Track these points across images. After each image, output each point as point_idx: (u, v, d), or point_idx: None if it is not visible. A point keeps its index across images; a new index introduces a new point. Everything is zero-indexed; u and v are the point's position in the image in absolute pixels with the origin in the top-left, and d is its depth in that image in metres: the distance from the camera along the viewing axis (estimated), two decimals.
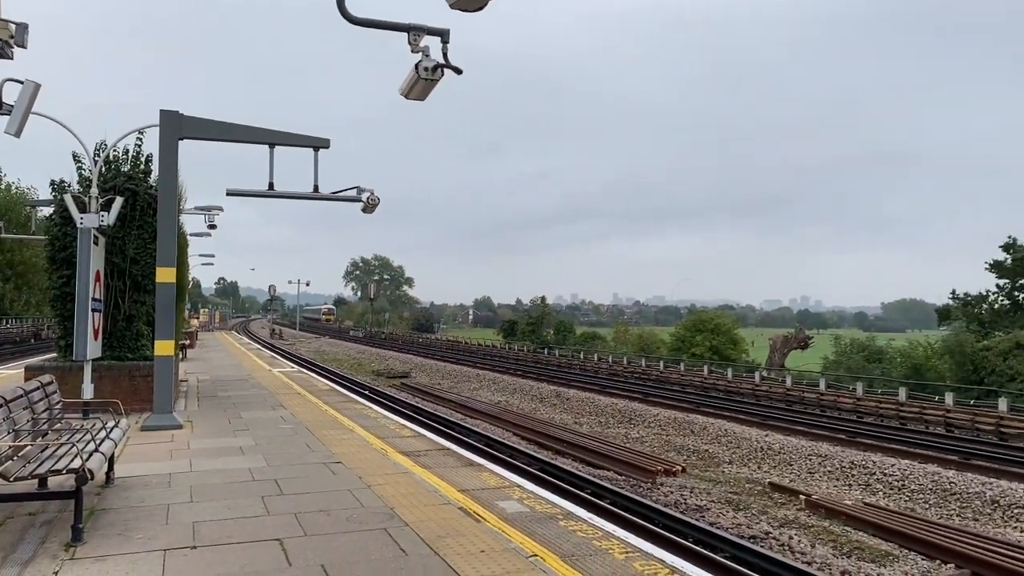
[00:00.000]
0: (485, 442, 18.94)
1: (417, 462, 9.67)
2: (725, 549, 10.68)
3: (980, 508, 14.36)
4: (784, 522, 13.12)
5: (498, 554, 6.03)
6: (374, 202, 13.73)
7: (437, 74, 7.40)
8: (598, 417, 26.09)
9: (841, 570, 10.45)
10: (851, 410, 26.92)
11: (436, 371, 43.40)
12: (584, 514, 7.47)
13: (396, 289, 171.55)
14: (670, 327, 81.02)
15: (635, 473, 16.45)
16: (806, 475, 17.38)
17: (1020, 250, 43.62)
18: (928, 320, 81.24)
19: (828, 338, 57.87)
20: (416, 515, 7.11)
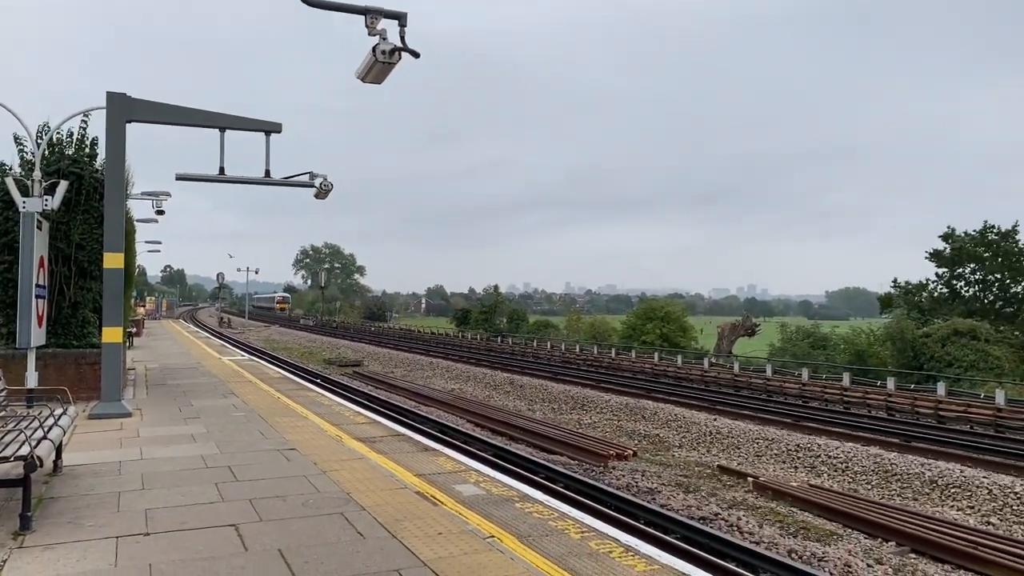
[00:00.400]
0: (439, 429, 18.98)
1: (373, 448, 9.67)
2: (676, 530, 10.91)
3: (919, 488, 14.85)
4: (733, 504, 13.42)
5: (456, 536, 6.09)
6: (327, 188, 13.62)
7: (394, 57, 7.37)
8: (551, 404, 26.29)
9: (788, 549, 10.74)
10: (797, 395, 27.56)
11: (389, 359, 43.21)
12: (540, 496, 7.57)
13: (347, 277, 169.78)
14: (621, 315, 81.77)
15: (588, 458, 16.64)
16: (753, 458, 17.77)
17: (958, 240, 44.96)
18: (871, 308, 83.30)
19: (774, 326, 59.03)
20: (373, 499, 7.12)
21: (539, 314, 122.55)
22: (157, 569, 5.23)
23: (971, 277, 45.17)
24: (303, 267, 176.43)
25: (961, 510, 13.73)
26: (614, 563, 5.58)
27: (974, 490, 14.15)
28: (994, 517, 13.24)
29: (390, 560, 5.49)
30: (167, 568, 5.26)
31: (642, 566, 5.53)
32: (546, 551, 5.78)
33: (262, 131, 12.53)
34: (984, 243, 43.99)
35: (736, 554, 9.94)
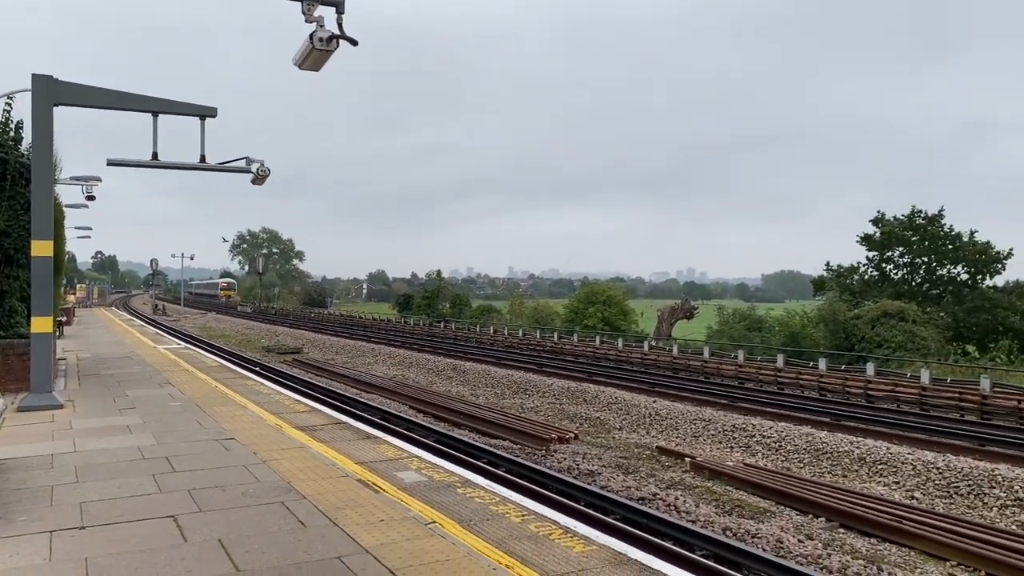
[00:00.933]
0: (381, 416, 18.93)
1: (313, 436, 9.64)
2: (616, 511, 11.13)
3: (849, 465, 15.40)
4: (671, 484, 13.73)
5: (397, 522, 6.14)
6: (264, 173, 13.43)
7: (332, 45, 7.30)
8: (494, 388, 26.43)
9: (723, 527, 11.05)
10: (733, 376, 28.22)
11: (329, 346, 42.81)
12: (482, 481, 7.66)
13: (286, 263, 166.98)
14: (564, 299, 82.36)
15: (530, 441, 16.82)
16: (691, 439, 18.18)
17: (888, 225, 46.36)
18: (805, 291, 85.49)
19: (712, 308, 60.21)
20: (314, 488, 7.12)
21: (482, 299, 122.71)
22: (94, 563, 5.17)
23: (900, 260, 46.64)
24: (240, 253, 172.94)
25: (887, 486, 14.28)
26: (553, 545, 5.70)
27: (899, 466, 14.73)
28: (917, 492, 13.82)
29: (331, 548, 5.52)
30: (104, 561, 5.20)
31: (580, 547, 5.67)
32: (487, 535, 5.87)
33: (197, 116, 12.27)
34: (912, 227, 45.45)
35: (673, 533, 10.20)
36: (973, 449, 16.01)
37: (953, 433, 17.71)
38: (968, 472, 13.78)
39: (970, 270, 44.14)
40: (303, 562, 5.23)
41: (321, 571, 5.08)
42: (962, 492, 13.38)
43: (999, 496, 12.89)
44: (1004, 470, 13.69)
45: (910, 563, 9.94)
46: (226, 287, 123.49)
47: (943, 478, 13.90)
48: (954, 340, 40.66)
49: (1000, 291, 43.04)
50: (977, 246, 43.51)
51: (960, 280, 44.53)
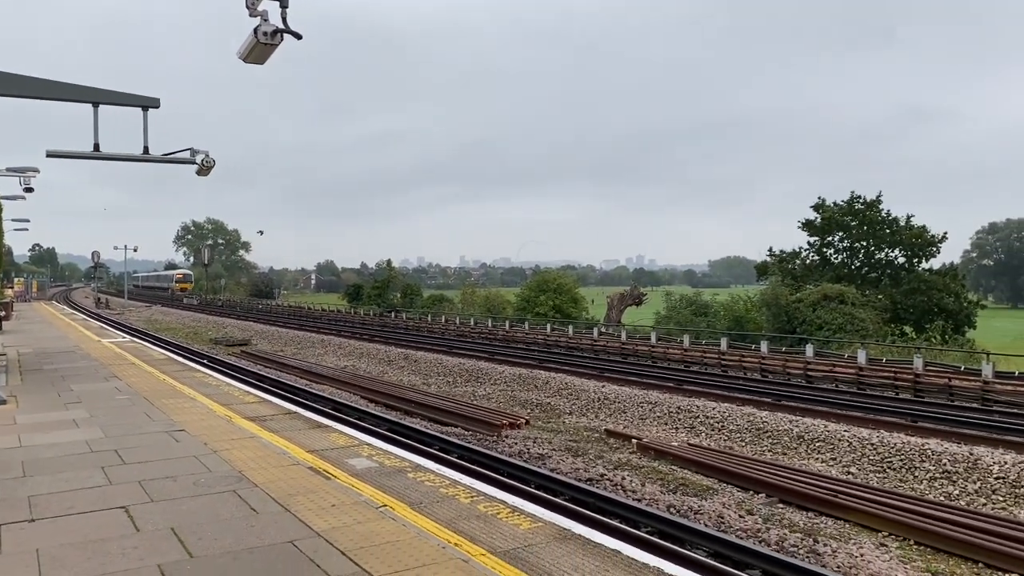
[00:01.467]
0: (333, 406, 18.95)
1: (264, 426, 9.70)
2: (565, 492, 11.42)
3: (788, 443, 15.94)
4: (618, 465, 14.08)
5: (349, 507, 6.29)
6: (209, 164, 13.34)
7: (276, 39, 7.35)
8: (446, 377, 26.58)
9: (667, 504, 11.42)
10: (679, 360, 28.80)
11: (278, 338, 42.44)
12: (432, 466, 7.84)
13: (232, 254, 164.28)
14: (515, 288, 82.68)
15: (482, 428, 17.03)
16: (638, 421, 18.59)
17: (828, 210, 47.56)
18: (749, 276, 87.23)
19: (660, 294, 61.03)
20: (265, 476, 7.23)
21: (433, 288, 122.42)
22: (46, 554, 5.23)
23: (839, 245, 47.89)
24: (184, 243, 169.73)
25: (825, 462, 14.83)
26: (501, 523, 5.92)
27: (837, 443, 15.30)
28: (853, 467, 14.39)
29: (284, 533, 5.66)
30: (56, 552, 5.26)
31: (527, 524, 5.89)
32: (437, 516, 6.06)
33: (139, 106, 12.13)
34: (851, 212, 46.69)
35: (620, 511, 10.52)
36: (906, 425, 16.68)
37: (888, 411, 18.41)
38: (901, 447, 14.39)
39: (907, 254, 45.56)
40: (256, 547, 5.36)
41: (274, 555, 5.21)
42: (895, 467, 13.97)
43: (929, 469, 13.50)
44: (934, 444, 14.32)
45: (844, 535, 10.40)
46: (182, 279, 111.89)
47: (877, 454, 14.49)
48: (892, 321, 41.95)
49: (935, 274, 44.54)
50: (913, 230, 44.92)
51: (897, 263, 45.94)
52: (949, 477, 13.09)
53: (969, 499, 12.30)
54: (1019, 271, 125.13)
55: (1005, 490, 12.24)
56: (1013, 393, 19.10)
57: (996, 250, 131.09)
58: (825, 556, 9.35)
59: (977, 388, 19.84)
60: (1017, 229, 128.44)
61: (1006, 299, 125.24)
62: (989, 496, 12.26)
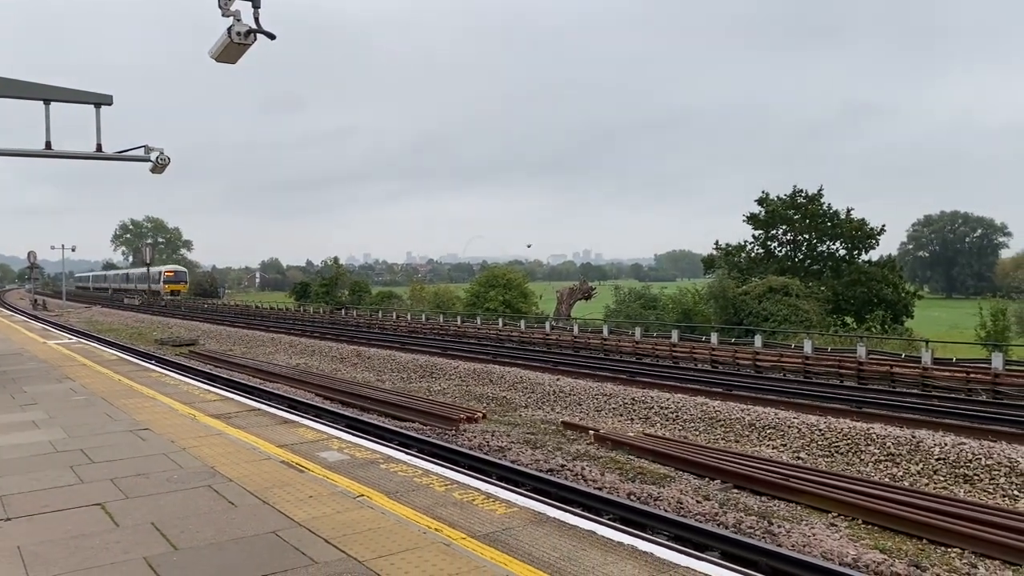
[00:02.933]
0: (288, 404, 18.86)
1: (230, 423, 9.71)
2: (527, 483, 11.62)
3: (740, 431, 16.42)
4: (577, 455, 14.35)
5: (326, 498, 6.40)
6: (164, 162, 13.21)
7: (250, 39, 7.38)
8: (400, 373, 26.61)
9: (627, 492, 11.71)
10: (631, 353, 29.29)
11: (227, 337, 41.88)
12: (403, 456, 7.99)
13: (173, 253, 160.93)
14: (464, 283, 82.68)
15: (439, 423, 17.16)
16: (594, 413, 18.92)
17: (771, 204, 48.69)
18: (695, 269, 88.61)
19: (609, 288, 61.70)
20: (238, 471, 7.28)
21: (381, 285, 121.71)
22: (28, 551, 5.24)
23: (783, 238, 49.07)
24: (123, 242, 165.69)
25: (776, 448, 15.33)
26: (477, 509, 6.10)
27: (786, 430, 15.82)
28: (803, 452, 14.90)
29: (265, 524, 5.75)
30: (38, 549, 5.27)
31: (503, 509, 6.09)
32: (414, 504, 6.22)
33: (91, 103, 11.96)
34: (794, 206, 47.88)
35: (582, 500, 10.78)
36: (851, 411, 17.30)
37: (834, 397, 19.07)
38: (847, 432, 14.95)
39: (847, 246, 46.90)
40: (240, 538, 5.45)
41: (259, 544, 5.31)
42: (842, 451, 14.52)
43: (874, 452, 14.07)
44: (878, 428, 14.91)
45: (796, 516, 10.82)
46: (173, 278, 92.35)
47: (825, 439, 15.03)
48: (834, 312, 43.20)
49: (874, 265, 45.95)
50: (853, 223, 46.27)
51: (838, 256, 47.25)
52: (893, 459, 13.66)
53: (912, 479, 12.87)
54: (953, 262, 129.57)
55: (945, 470, 12.84)
56: (950, 379, 19.94)
57: (931, 242, 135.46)
58: (780, 536, 9.73)
59: (917, 375, 20.66)
60: (951, 222, 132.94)
61: (941, 289, 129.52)
62: (931, 476, 12.85)
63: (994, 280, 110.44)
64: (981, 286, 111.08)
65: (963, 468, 12.71)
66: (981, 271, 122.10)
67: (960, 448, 13.25)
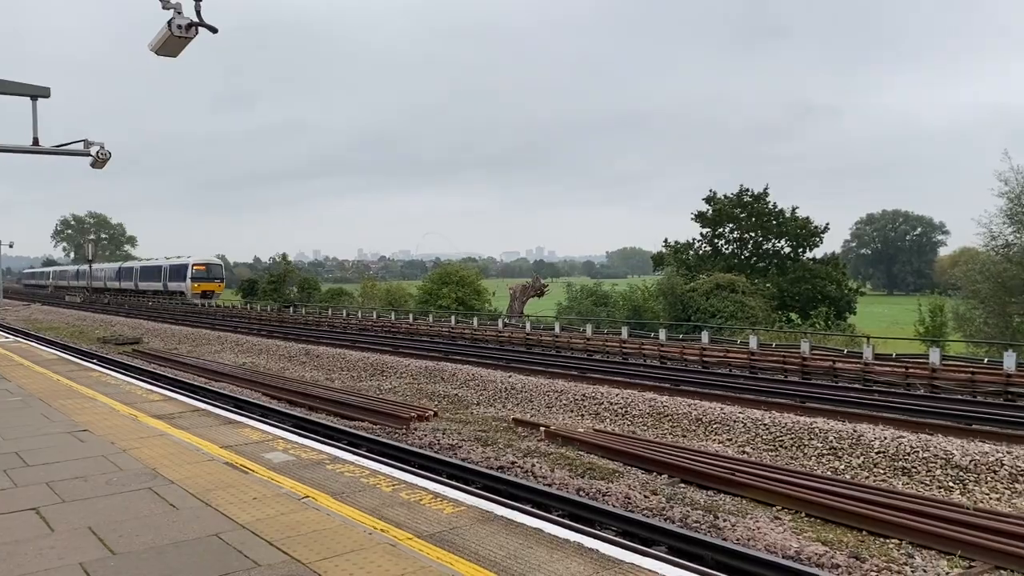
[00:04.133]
0: (234, 404, 18.57)
1: (173, 424, 9.52)
2: (477, 480, 11.63)
3: (687, 426, 16.63)
4: (527, 452, 14.39)
5: (271, 499, 6.32)
6: (104, 156, 12.87)
7: (191, 32, 7.22)
8: (350, 372, 26.38)
9: (576, 488, 11.79)
10: (582, 349, 29.48)
11: (172, 335, 41.05)
12: (350, 457, 7.92)
13: (116, 249, 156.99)
14: (417, 280, 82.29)
15: (390, 421, 17.05)
16: (545, 409, 19.00)
17: (719, 203, 49.47)
18: (645, 266, 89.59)
19: (561, 285, 62.03)
20: (181, 473, 7.14)
21: (332, 282, 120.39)
22: None
23: (730, 236, 49.91)
24: (64, 239, 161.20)
25: (722, 443, 15.57)
26: (425, 509, 6.07)
27: (732, 424, 16.07)
28: (748, 447, 15.16)
29: (207, 526, 5.65)
30: None
31: (450, 508, 6.07)
32: (361, 505, 6.17)
33: (28, 95, 11.60)
34: (740, 204, 48.72)
35: (531, 496, 10.82)
36: (795, 406, 17.64)
37: (778, 392, 19.42)
38: (791, 427, 15.24)
39: (792, 244, 47.88)
40: (180, 541, 5.35)
41: (200, 548, 5.22)
42: (786, 445, 14.80)
43: (817, 446, 14.37)
44: (821, 423, 15.24)
45: (742, 510, 11.00)
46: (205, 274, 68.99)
47: (770, 433, 15.31)
48: (779, 308, 44.05)
49: (818, 263, 47.00)
50: (798, 221, 47.25)
51: (784, 253, 48.22)
52: (835, 453, 13.97)
53: (853, 472, 13.18)
54: (894, 260, 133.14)
55: (885, 463, 13.18)
56: (891, 373, 20.47)
57: (873, 240, 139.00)
58: (725, 530, 9.89)
59: (859, 370, 21.16)
60: (892, 220, 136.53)
61: (882, 286, 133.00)
62: (871, 469, 13.17)
63: (933, 277, 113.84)
64: (921, 283, 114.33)
65: (902, 461, 13.06)
66: (921, 268, 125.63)
67: (899, 441, 13.61)
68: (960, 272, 37.61)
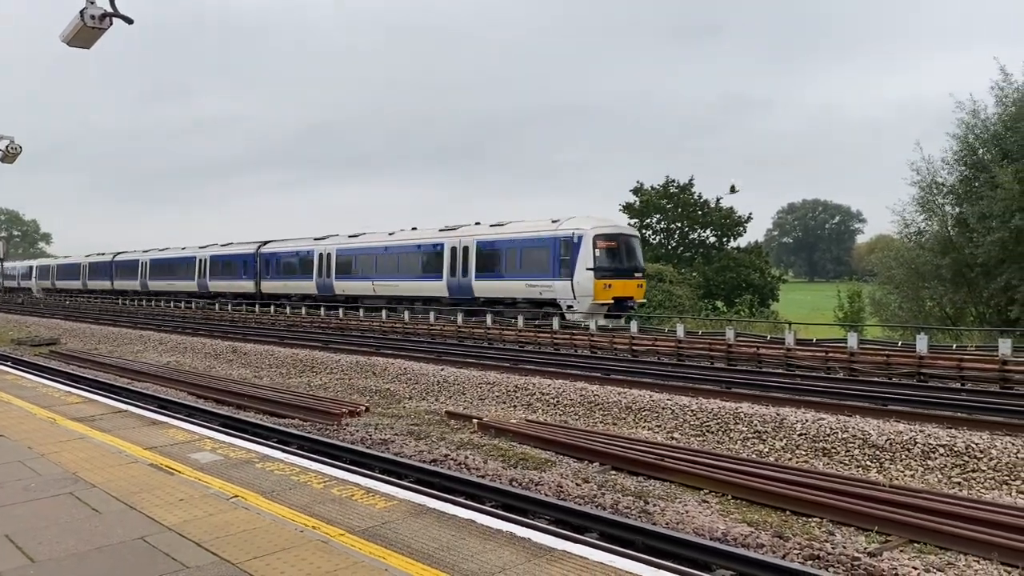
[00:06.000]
0: (158, 404, 18.09)
1: (93, 426, 9.24)
2: (410, 474, 11.61)
3: (618, 414, 16.90)
4: (461, 445, 14.43)
5: (198, 500, 6.20)
6: (15, 151, 12.37)
7: (105, 23, 6.98)
8: (279, 368, 25.97)
9: (509, 479, 11.88)
10: (514, 340, 29.60)
11: (91, 335, 39.72)
12: (280, 455, 7.82)
13: (30, 246, 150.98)
14: None
15: (321, 418, 16.86)
16: (478, 401, 19.05)
17: (646, 194, 50.27)
18: None
19: None
20: (103, 476, 6.95)
21: None
22: None
23: (657, 226, 50.78)
24: None
25: (651, 429, 15.88)
26: (356, 504, 6.05)
27: (661, 411, 16.40)
28: (676, 432, 15.50)
29: (132, 530, 5.52)
30: None
31: (383, 503, 6.07)
32: (291, 502, 6.11)
33: None
34: (667, 195, 49.61)
35: (465, 488, 10.86)
36: (721, 392, 18.08)
37: (705, 379, 19.88)
38: (717, 412, 15.64)
39: (717, 233, 48.99)
40: (104, 546, 5.21)
41: (125, 552, 5.10)
42: (713, 430, 15.19)
43: (742, 430, 14.79)
44: (746, 407, 15.67)
45: (671, 494, 11.26)
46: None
47: (697, 419, 15.68)
48: (705, 297, 45.05)
49: (742, 252, 48.21)
50: (722, 212, 48.35)
51: (709, 243, 49.30)
52: (760, 436, 14.41)
53: (777, 455, 13.62)
54: (814, 248, 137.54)
55: (807, 445, 13.65)
56: (811, 358, 21.18)
57: (794, 228, 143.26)
58: (655, 515, 10.11)
59: (781, 355, 21.82)
60: (812, 209, 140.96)
61: (803, 273, 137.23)
62: (794, 451, 13.63)
63: (851, 264, 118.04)
64: (840, 270, 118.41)
65: (822, 442, 13.55)
66: (840, 256, 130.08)
67: (820, 423, 14.10)
68: (876, 259, 39.09)
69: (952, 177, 33.19)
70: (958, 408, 15.38)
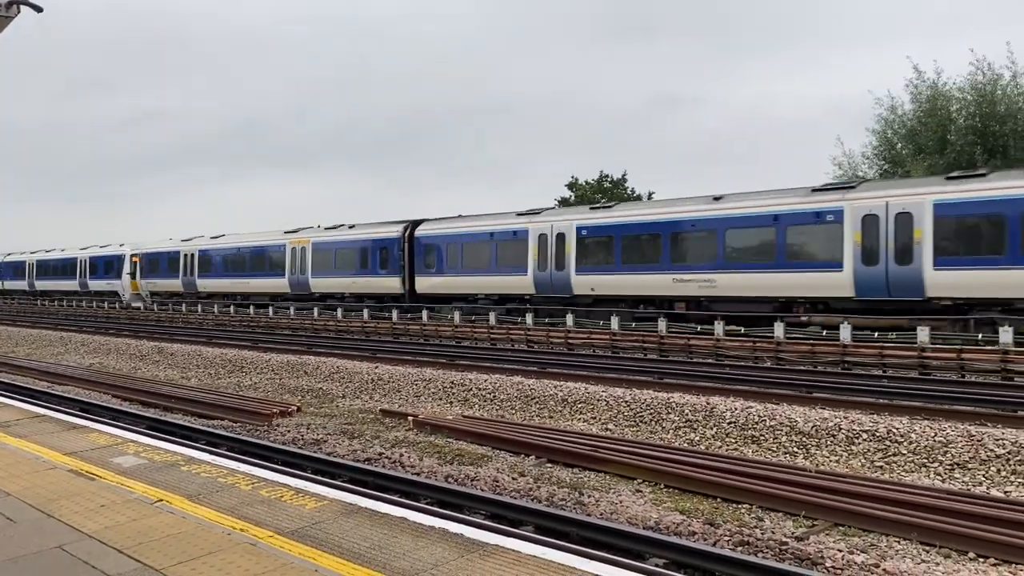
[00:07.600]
0: (79, 408, 17.46)
1: (9, 432, 8.87)
2: (343, 474, 11.46)
3: (554, 407, 17.01)
4: (395, 443, 14.31)
5: (120, 505, 6.00)
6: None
7: (12, 11, 6.66)
8: (207, 369, 25.36)
9: (445, 475, 11.83)
10: (451, 337, 29.55)
11: (7, 338, 38.20)
12: (206, 457, 7.64)
13: None
14: None
15: (250, 418, 16.52)
16: (413, 398, 18.93)
17: (580, 188, 50.70)
18: None
19: None
20: (19, 484, 6.67)
21: None
22: None
23: None
24: None
25: (586, 421, 16.02)
26: (286, 505, 5.94)
27: (595, 403, 16.57)
28: (611, 424, 15.68)
29: (50, 539, 5.31)
30: None
31: (313, 503, 5.97)
32: (218, 505, 5.96)
33: None
34: (601, 189, 50.12)
35: (399, 486, 10.76)
36: (654, 383, 18.36)
37: (638, 370, 20.18)
38: (650, 402, 15.87)
39: None
40: (19, 556, 5.00)
41: (42, 562, 4.90)
42: (646, 420, 15.40)
43: (674, 420, 15.04)
44: (677, 397, 15.95)
45: (605, 485, 11.36)
46: None
47: (631, 409, 15.88)
48: None
49: None
50: None
51: None
52: (691, 425, 14.67)
53: (708, 443, 13.89)
54: None
55: (736, 433, 13.96)
56: (740, 348, 21.68)
57: None
58: (590, 506, 10.19)
59: (711, 346, 22.29)
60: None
61: None
62: (724, 439, 13.92)
63: None
64: None
65: (751, 430, 13.87)
66: None
67: (748, 411, 14.43)
68: None
69: (872, 171, 34.31)
70: (880, 395, 15.96)
